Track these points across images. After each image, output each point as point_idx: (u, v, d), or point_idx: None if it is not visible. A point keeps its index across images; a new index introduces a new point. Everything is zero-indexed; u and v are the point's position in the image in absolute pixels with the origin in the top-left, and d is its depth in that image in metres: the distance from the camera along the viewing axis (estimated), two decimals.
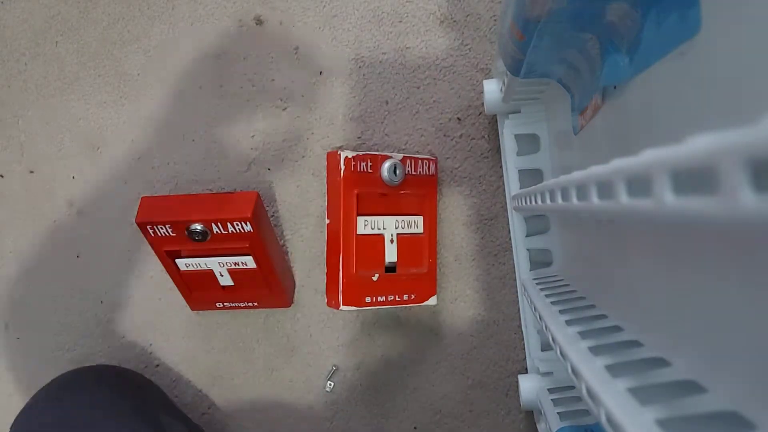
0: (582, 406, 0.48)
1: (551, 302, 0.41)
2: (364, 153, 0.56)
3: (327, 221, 0.58)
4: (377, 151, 0.62)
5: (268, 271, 0.59)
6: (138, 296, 0.67)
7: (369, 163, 0.56)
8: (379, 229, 0.57)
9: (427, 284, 0.61)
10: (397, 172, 0.57)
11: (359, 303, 0.57)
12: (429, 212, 0.61)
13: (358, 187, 0.56)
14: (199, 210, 0.56)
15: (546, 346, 0.59)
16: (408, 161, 0.59)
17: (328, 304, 0.59)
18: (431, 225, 0.61)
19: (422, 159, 0.60)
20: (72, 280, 0.67)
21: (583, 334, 0.33)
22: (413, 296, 0.60)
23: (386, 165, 0.57)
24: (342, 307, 0.56)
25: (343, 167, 0.55)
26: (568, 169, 0.33)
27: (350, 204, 0.55)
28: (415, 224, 0.60)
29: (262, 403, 0.65)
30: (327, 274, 0.59)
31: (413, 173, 0.59)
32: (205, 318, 0.67)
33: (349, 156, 0.55)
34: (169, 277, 0.65)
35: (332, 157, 0.57)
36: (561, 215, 0.48)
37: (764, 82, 0.19)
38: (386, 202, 0.58)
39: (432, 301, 0.61)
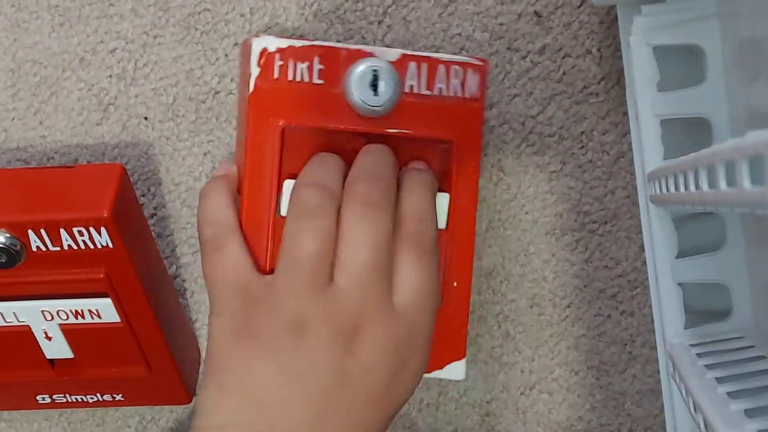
0: None
1: (744, 410, 0.36)
2: (306, 43, 0.46)
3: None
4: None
5: (145, 328, 0.51)
6: None
7: (318, 66, 0.45)
8: None
9: (447, 333, 0.49)
10: (381, 86, 0.46)
11: None
12: (463, 184, 0.49)
13: (285, 115, 0.45)
14: (3, 202, 0.49)
15: None
16: (413, 65, 0.47)
17: None
18: (466, 212, 0.49)
19: (450, 62, 0.48)
20: None
21: None
22: None
23: (359, 71, 0.45)
24: None
25: (255, 71, 0.44)
26: (766, 118, 0.37)
27: (264, 150, 0.46)
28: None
29: None
30: None
31: (425, 92, 0.47)
32: (15, 426, 0.59)
33: (272, 48, 0.45)
34: None
35: (243, 53, 0.47)
36: (754, 215, 0.44)
37: None
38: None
39: (455, 371, 0.49)
